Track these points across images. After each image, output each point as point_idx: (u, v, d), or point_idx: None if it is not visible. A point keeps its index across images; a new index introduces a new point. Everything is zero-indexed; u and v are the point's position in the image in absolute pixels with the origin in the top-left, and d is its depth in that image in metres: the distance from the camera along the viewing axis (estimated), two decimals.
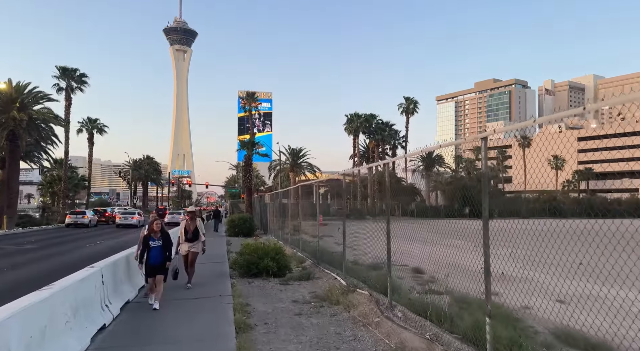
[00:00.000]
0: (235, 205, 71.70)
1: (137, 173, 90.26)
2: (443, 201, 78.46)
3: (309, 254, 14.99)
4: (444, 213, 8.26)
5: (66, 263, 14.81)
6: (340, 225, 11.26)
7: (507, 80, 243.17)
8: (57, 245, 22.84)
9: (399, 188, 64.37)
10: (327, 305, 8.52)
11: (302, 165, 63.44)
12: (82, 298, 6.36)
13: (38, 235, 29.44)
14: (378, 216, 19.40)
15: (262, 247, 12.03)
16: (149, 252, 8.45)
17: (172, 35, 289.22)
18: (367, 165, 38.26)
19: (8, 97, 31.85)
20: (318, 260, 13.38)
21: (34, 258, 16.77)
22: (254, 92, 45.32)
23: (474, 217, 5.89)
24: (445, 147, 6.60)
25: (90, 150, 58.06)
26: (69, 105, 45.56)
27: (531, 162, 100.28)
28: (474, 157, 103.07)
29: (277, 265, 11.63)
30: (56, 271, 11.16)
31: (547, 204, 71.43)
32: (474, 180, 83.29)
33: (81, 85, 46.22)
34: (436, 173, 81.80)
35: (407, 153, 65.82)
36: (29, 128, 31.87)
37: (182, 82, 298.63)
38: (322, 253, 13.30)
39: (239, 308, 8.13)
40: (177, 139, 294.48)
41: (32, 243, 23.04)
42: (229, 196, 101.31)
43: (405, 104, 72.17)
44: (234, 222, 28.54)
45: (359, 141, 70.61)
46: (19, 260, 16.12)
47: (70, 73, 44.94)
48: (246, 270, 11.68)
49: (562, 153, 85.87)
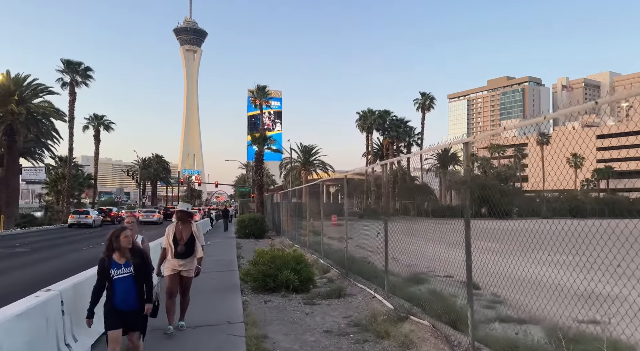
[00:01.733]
0: (245, 205, 69.66)
1: (145, 172, 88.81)
2: (458, 200, 75.99)
3: (334, 262, 12.74)
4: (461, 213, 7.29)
5: (51, 271, 12.74)
6: (367, 226, 9.22)
7: (521, 78, 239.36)
8: (51, 248, 20.87)
9: (415, 187, 61.97)
10: (373, 339, 6.27)
11: (314, 163, 61.20)
12: (21, 342, 4.21)
13: (35, 236, 27.59)
14: (393, 216, 17.82)
15: (279, 255, 9.82)
16: (112, 288, 4.68)
17: (182, 35, 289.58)
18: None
19: (6, 90, 30.04)
20: (347, 269, 11.13)
21: (15, 265, 14.73)
22: (264, 85, 43.32)
23: (492, 217, 5.69)
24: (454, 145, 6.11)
25: (96, 147, 56.34)
26: (74, 100, 43.77)
27: (548, 159, 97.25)
28: (489, 155, 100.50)
29: (299, 277, 9.41)
30: (31, 285, 9.05)
31: (568, 204, 68.57)
32: (492, 178, 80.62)
33: (86, 79, 44.41)
34: (451, 172, 79.28)
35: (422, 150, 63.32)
36: (28, 123, 30.02)
37: (192, 82, 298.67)
38: (352, 262, 11.05)
39: (254, 344, 5.92)
40: (187, 139, 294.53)
41: (24, 246, 21.09)
42: (238, 195, 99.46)
43: (421, 100, 69.57)
44: (244, 223, 26.41)
45: (372, 138, 68.25)
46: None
47: (75, 67, 43.14)
48: (261, 284, 9.47)
49: (581, 151, 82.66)
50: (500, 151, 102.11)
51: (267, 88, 43.53)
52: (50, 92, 33.75)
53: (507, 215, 7.09)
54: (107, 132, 57.22)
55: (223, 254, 17.54)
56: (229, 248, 19.79)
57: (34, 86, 33.08)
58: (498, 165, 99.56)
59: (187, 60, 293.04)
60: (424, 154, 60.02)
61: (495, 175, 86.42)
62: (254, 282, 9.66)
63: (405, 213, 28.49)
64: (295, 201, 24.64)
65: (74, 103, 43.87)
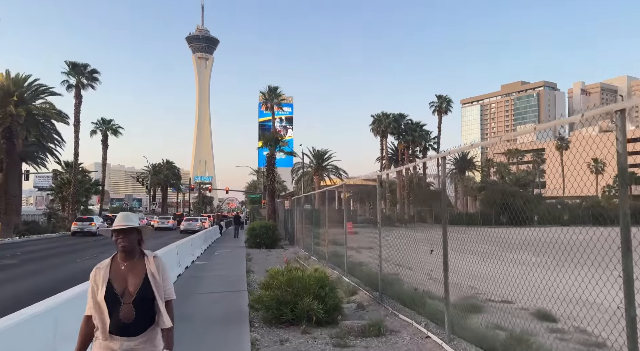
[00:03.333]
0: (256, 211, 67.66)
1: (156, 178, 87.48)
2: (475, 208, 73.50)
3: (361, 281, 10.57)
4: (481, 220, 7.65)
5: (30, 289, 10.78)
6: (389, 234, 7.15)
7: (535, 83, 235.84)
8: (43, 259, 19.00)
9: (430, 193, 59.50)
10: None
11: (327, 168, 59.09)
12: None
13: (32, 246, 25.82)
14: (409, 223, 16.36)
15: (298, 276, 7.69)
16: None
17: (194, 43, 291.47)
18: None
19: (5, 91, 28.50)
20: (381, 292, 8.95)
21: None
22: (276, 87, 41.52)
23: (514, 224, 5.51)
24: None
25: (104, 152, 54.96)
26: (79, 103, 42.32)
27: (567, 164, 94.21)
28: (506, 161, 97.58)
29: (324, 306, 7.27)
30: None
31: (591, 210, 65.61)
32: (511, 185, 77.71)
33: (92, 82, 42.96)
34: (466, 178, 76.71)
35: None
36: (28, 125, 28.38)
37: (204, 90, 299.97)
38: (389, 284, 8.86)
39: None
40: (198, 146, 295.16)
41: (15, 257, 19.25)
42: (249, 202, 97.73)
43: (438, 103, 67.18)
44: (255, 231, 24.32)
45: (387, 143, 66.03)
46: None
47: (80, 69, 41.70)
48: (275, 315, 7.35)
49: (603, 156, 79.89)
50: (518, 156, 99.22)
51: (279, 89, 41.78)
52: (52, 93, 32.24)
53: (529, 222, 6.52)
54: (115, 136, 55.87)
55: (230, 267, 15.47)
56: (237, 261, 17.72)
57: (35, 87, 31.55)
58: (517, 171, 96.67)
59: (199, 67, 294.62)
60: (439, 159, 57.48)
61: (515, 181, 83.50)
62: (266, 312, 7.53)
63: (421, 220, 26.44)
64: (311, 207, 22.53)
65: (80, 106, 42.40)
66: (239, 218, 39.25)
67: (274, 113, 43.33)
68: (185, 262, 15.21)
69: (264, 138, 32.28)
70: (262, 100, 42.00)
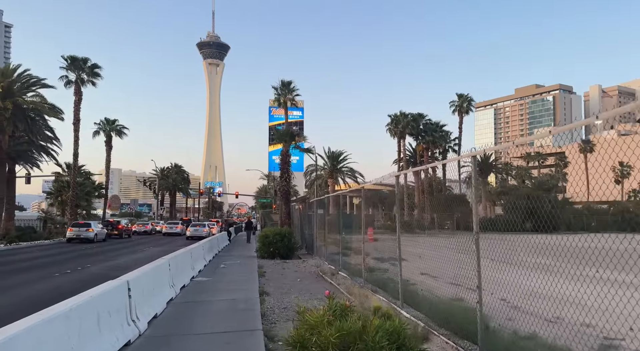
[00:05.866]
0: (267, 216, 64.35)
1: (164, 182, 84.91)
2: (492, 212, 69.63)
3: (434, 317, 7.08)
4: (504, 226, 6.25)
5: None
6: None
7: (550, 86, 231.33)
8: (14, 272, 15.83)
9: (453, 197, 55.73)
10: None
11: (342, 170, 55.74)
12: None
13: (15, 255, 22.79)
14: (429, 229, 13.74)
15: (356, 329, 4.27)
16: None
17: (205, 50, 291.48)
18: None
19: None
20: (483, 346, 5.48)
21: None
22: (289, 81, 38.51)
23: (539, 231, 5.39)
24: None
25: (107, 154, 52.20)
26: (79, 100, 39.54)
27: (590, 168, 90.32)
28: (525, 165, 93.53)
29: None
30: None
31: (620, 216, 61.68)
32: (533, 188, 73.64)
33: (93, 77, 40.17)
34: (484, 182, 72.94)
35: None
36: (15, 120, 25.43)
37: (215, 95, 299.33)
38: (497, 335, 5.40)
39: None
40: (209, 151, 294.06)
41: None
42: (259, 206, 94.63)
43: (458, 102, 63.70)
44: (268, 239, 20.97)
45: (404, 144, 62.56)
46: None
47: (80, 63, 38.96)
48: None
49: (629, 160, 76.67)
50: (539, 160, 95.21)
51: (293, 84, 38.72)
52: (45, 86, 29.28)
53: (555, 229, 6.22)
54: (119, 138, 53.19)
55: (238, 287, 12.12)
56: (247, 276, 14.35)
57: (25, 78, 28.71)
58: (538, 175, 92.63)
59: (210, 73, 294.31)
60: (462, 161, 54.14)
61: (537, 185, 79.47)
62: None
63: (441, 227, 23.53)
64: (332, 211, 19.17)
65: (80, 103, 39.63)
66: (250, 224, 38.50)
67: (287, 109, 40.17)
68: (182, 280, 11.92)
69: (277, 134, 29.03)
70: (275, 95, 38.90)
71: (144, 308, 7.98)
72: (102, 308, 6.02)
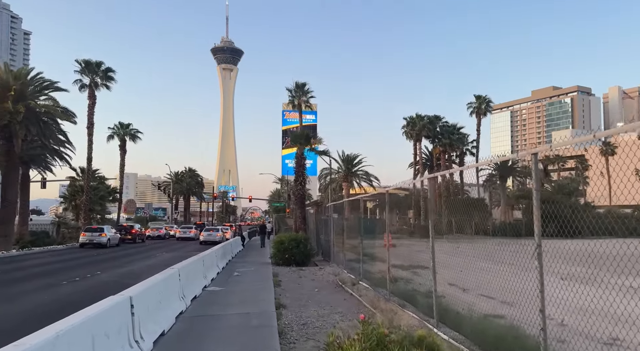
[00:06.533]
0: (281, 220, 63.63)
1: (178, 186, 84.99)
2: (510, 217, 67.90)
3: (483, 345, 6.14)
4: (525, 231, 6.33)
5: None
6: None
7: (568, 88, 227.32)
8: (20, 280, 15.28)
9: (472, 201, 54.29)
10: None
11: (357, 173, 54.78)
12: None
13: (25, 261, 22.37)
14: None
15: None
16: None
17: (219, 55, 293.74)
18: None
19: (4, 85, 25.40)
20: None
21: None
22: (304, 82, 37.77)
23: (562, 236, 5.29)
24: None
25: (122, 158, 52.10)
26: (93, 104, 39.41)
27: (611, 171, 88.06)
28: (543, 168, 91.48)
29: None
30: None
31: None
32: (554, 192, 71.60)
33: (107, 81, 40.02)
34: (503, 186, 71.24)
35: (478, 161, 55.89)
36: (27, 123, 25.14)
37: (229, 100, 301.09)
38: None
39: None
40: (223, 155, 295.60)
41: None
42: (273, 210, 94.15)
43: (476, 103, 62.32)
44: (283, 245, 20.16)
45: (421, 147, 61.36)
46: None
47: (94, 67, 38.84)
48: None
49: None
50: (560, 163, 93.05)
51: (307, 86, 37.99)
52: (57, 89, 29.04)
53: (579, 233, 5.69)
54: (133, 142, 53.08)
55: (253, 298, 11.32)
56: (262, 286, 13.55)
57: (38, 81, 28.50)
58: (559, 178, 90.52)
59: (224, 78, 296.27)
60: (480, 165, 52.62)
61: (558, 188, 77.38)
62: None
63: (459, 231, 22.59)
64: (351, 216, 18.30)
65: (94, 107, 39.49)
66: (264, 228, 38.56)
67: (302, 112, 39.44)
68: (193, 290, 11.18)
69: (292, 137, 28.28)
70: (289, 97, 38.21)
71: (150, 326, 7.21)
72: (99, 330, 5.26)
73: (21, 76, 26.57)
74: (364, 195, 16.17)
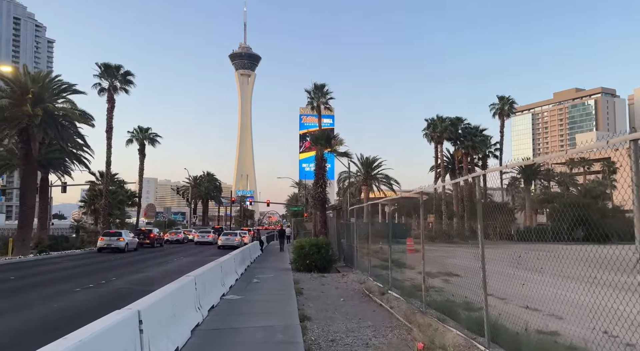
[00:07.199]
0: (300, 224, 62.79)
1: (196, 190, 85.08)
2: (533, 221, 65.76)
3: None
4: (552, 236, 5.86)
5: None
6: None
7: (592, 89, 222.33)
8: (33, 287, 14.74)
9: (496, 206, 52.58)
10: None
11: (377, 177, 53.67)
12: None
13: (43, 265, 22.00)
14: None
15: None
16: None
17: (237, 61, 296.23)
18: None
19: (23, 88, 25.27)
20: None
21: None
22: (323, 84, 36.98)
23: (593, 241, 5.00)
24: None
25: (141, 162, 52.11)
26: (112, 107, 39.35)
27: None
28: (568, 171, 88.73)
29: None
30: None
31: None
32: (580, 196, 69.20)
33: (126, 85, 39.95)
34: (527, 190, 69.17)
35: (501, 164, 54.13)
36: (45, 126, 24.91)
37: (246, 105, 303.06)
38: None
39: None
40: (240, 160, 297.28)
41: (4, 282, 15.18)
42: (291, 215, 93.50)
43: (499, 104, 60.73)
44: (303, 250, 19.30)
45: (442, 149, 60.00)
46: None
47: (113, 71, 38.78)
48: None
49: None
50: (585, 166, 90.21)
51: (326, 87, 37.21)
52: (75, 91, 28.85)
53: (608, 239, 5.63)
54: (152, 146, 53.08)
55: (274, 308, 10.47)
56: (283, 294, 12.69)
57: (57, 84, 28.38)
58: (585, 182, 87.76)
59: (242, 84, 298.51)
60: (504, 169, 50.66)
61: (585, 192, 74.84)
62: None
63: (485, 237, 21.63)
64: (374, 219, 17.39)
65: (113, 111, 39.43)
66: (284, 232, 38.66)
67: (321, 114, 38.64)
68: (210, 300, 10.39)
69: (312, 137, 27.42)
70: (308, 98, 37.50)
71: (162, 342, 6.41)
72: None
73: (39, 79, 26.46)
74: (394, 198, 15.22)
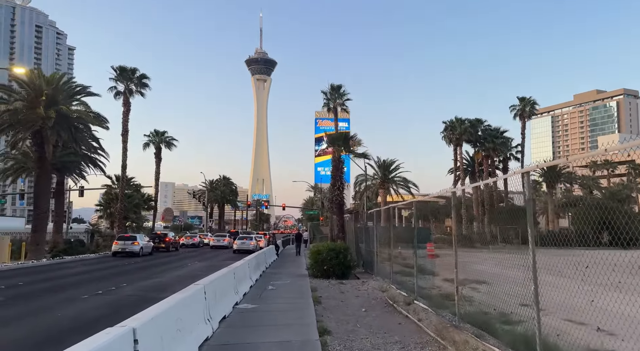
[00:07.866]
0: (316, 228, 61.95)
1: (213, 194, 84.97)
2: (555, 225, 63.77)
3: None
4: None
5: None
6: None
7: (613, 91, 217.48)
8: (46, 292, 14.20)
9: (520, 209, 50.83)
10: None
11: (394, 180, 52.52)
12: None
13: (56, 270, 21.57)
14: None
15: None
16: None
17: (253, 66, 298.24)
18: None
19: (37, 90, 25.07)
20: None
21: None
22: (339, 85, 36.18)
23: (616, 246, 4.98)
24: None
25: (157, 166, 51.91)
26: (128, 111, 39.19)
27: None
28: (590, 174, 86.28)
29: None
30: None
31: None
32: (605, 199, 66.91)
33: (141, 88, 39.76)
34: (551, 193, 67.19)
35: (523, 166, 52.49)
36: (59, 129, 24.64)
37: (262, 110, 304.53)
38: None
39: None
40: (256, 164, 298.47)
41: (5, 290, 14.67)
42: (306, 218, 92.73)
43: (520, 106, 59.08)
44: (321, 255, 18.46)
45: (461, 152, 58.56)
46: None
47: (129, 74, 38.63)
48: None
49: None
50: (609, 168, 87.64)
51: (343, 88, 36.41)
52: (89, 94, 28.62)
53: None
54: (168, 150, 52.93)
55: (291, 319, 9.64)
56: (300, 303, 11.86)
57: (71, 86, 28.18)
58: (608, 185, 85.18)
59: (258, 89, 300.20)
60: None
61: (609, 195, 72.46)
62: None
63: (506, 241, 20.65)
64: (393, 224, 16.41)
65: (128, 114, 39.28)
66: (300, 236, 38.77)
67: (337, 116, 37.83)
68: (221, 310, 9.60)
69: (329, 138, 26.61)
70: (324, 100, 36.74)
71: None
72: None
73: (53, 81, 26.27)
74: (421, 199, 14.28)
